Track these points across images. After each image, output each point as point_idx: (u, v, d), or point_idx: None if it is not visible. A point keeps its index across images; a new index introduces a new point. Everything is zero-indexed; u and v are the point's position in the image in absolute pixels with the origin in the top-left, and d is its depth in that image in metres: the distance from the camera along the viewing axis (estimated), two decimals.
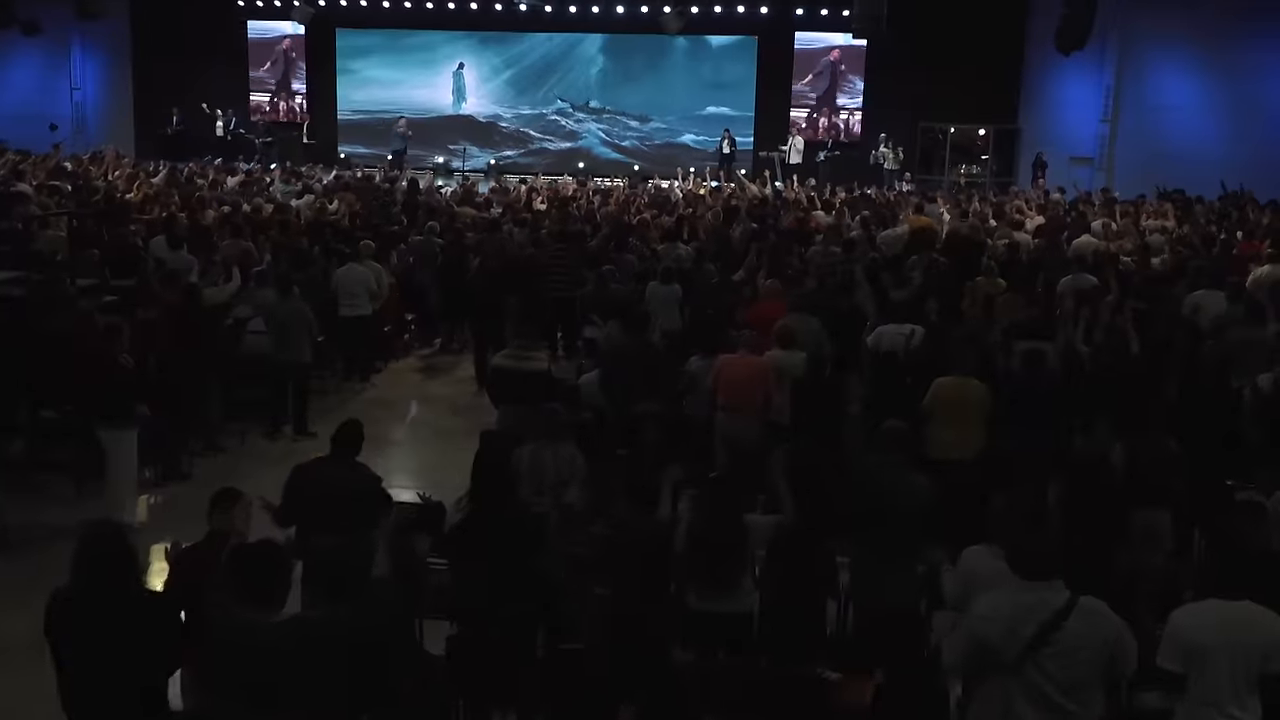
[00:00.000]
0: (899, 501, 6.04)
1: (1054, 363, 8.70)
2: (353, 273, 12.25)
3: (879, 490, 6.10)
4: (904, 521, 6.04)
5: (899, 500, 6.05)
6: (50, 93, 30.22)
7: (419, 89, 29.28)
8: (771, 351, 9.27)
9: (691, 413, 9.07)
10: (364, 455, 6.32)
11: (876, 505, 6.07)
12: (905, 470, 6.18)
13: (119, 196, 17.07)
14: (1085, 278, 12.38)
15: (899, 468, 6.18)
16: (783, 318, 9.85)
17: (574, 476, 6.22)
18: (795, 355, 9.18)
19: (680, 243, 14.25)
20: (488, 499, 5.53)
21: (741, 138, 27.80)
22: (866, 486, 6.17)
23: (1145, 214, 19.19)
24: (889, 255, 13.82)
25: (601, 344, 10.07)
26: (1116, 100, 26.76)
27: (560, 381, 9.43)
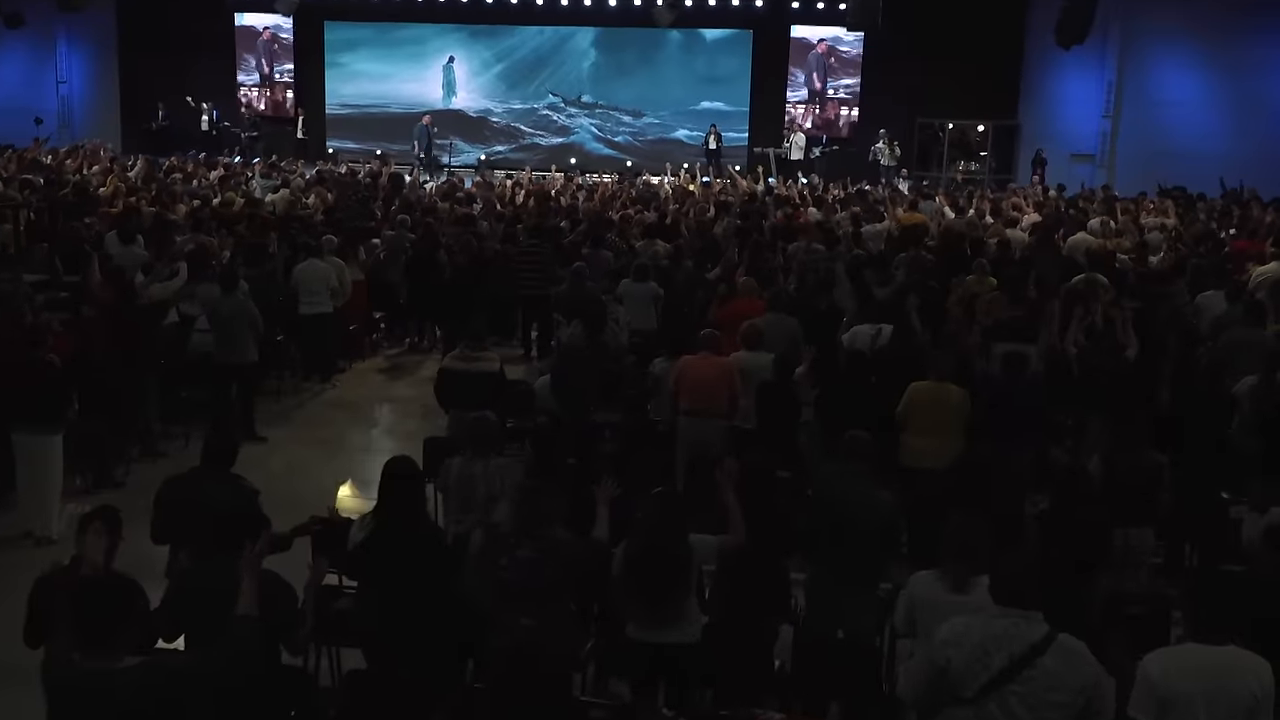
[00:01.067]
0: (858, 517, 5.53)
1: (1036, 366, 8.17)
2: (313, 269, 11.75)
3: (836, 504, 5.59)
4: (863, 539, 5.53)
5: (858, 516, 5.54)
6: (36, 86, 29.80)
7: (408, 83, 28.75)
8: (737, 353, 8.79)
9: (656, 417, 8.60)
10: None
11: (833, 521, 5.55)
12: (865, 482, 5.67)
13: (90, 190, 16.57)
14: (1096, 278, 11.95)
15: (859, 479, 5.67)
16: (753, 317, 9.37)
17: (505, 492, 5.68)
18: (761, 357, 8.69)
19: (659, 239, 13.73)
20: (391, 516, 5.01)
21: (737, 133, 27.29)
22: (823, 500, 5.66)
23: (1145, 211, 18.66)
24: (874, 252, 13.30)
25: (556, 345, 9.56)
26: (1118, 96, 26.21)
27: (518, 384, 8.93)
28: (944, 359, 7.86)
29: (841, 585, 5.53)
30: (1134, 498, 6.24)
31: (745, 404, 8.31)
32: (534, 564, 4.78)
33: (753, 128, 27.50)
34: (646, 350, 10.01)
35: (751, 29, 27.35)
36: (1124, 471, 6.26)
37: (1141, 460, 6.32)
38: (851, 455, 5.72)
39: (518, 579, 4.80)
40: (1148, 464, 6.33)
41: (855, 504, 5.55)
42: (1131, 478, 6.26)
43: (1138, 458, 6.32)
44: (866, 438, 5.79)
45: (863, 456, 5.73)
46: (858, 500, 5.56)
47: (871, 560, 5.56)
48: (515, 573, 4.81)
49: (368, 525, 5.10)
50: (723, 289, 10.84)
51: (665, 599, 5.04)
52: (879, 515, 5.54)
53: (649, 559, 4.96)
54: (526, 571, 4.79)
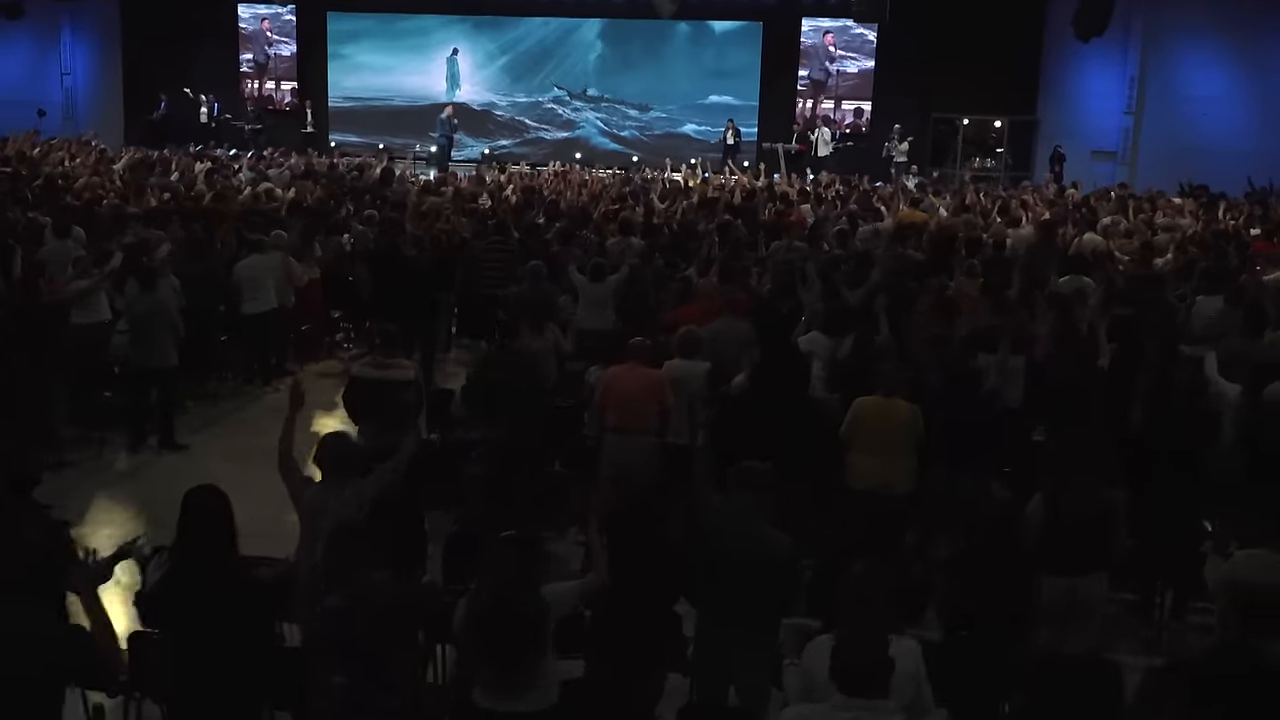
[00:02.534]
0: (746, 558, 4.82)
1: (995, 381, 7.41)
2: (254, 265, 11.15)
3: (721, 543, 4.87)
4: (752, 583, 4.81)
5: (746, 556, 4.82)
6: (41, 78, 29.47)
7: (412, 75, 28.17)
8: (671, 361, 8.08)
9: (588, 432, 7.93)
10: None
11: (717, 562, 4.84)
12: (757, 520, 4.94)
13: (58, 183, 16.05)
14: (1081, 279, 11.22)
15: (748, 515, 4.94)
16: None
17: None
18: (697, 366, 7.99)
19: (634, 237, 13.04)
20: (189, 553, 4.35)
21: (746, 128, 26.51)
22: (707, 538, 4.95)
23: (1160, 210, 17.78)
24: (863, 251, 12.56)
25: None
26: (1141, 91, 25.31)
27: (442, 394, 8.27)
28: (892, 371, 7.12)
29: (729, 636, 4.82)
30: (1082, 540, 5.48)
31: (678, 418, 7.60)
32: (344, 614, 4.11)
33: (762, 122, 26.72)
34: (600, 354, 9.35)
35: (761, 21, 26.57)
36: (1069, 509, 5.49)
37: (1090, 496, 5.55)
38: (742, 487, 5.00)
39: (326, 631, 4.13)
40: (1098, 500, 5.55)
41: (743, 543, 4.83)
42: (1079, 517, 5.49)
43: (1085, 493, 5.55)
44: (761, 468, 5.05)
45: (755, 488, 5.00)
46: (746, 539, 4.84)
47: (763, 608, 4.84)
48: (324, 624, 4.14)
49: (164, 563, 4.45)
50: (677, 289, 10.13)
51: (515, 664, 4.32)
52: (771, 556, 4.83)
53: (495, 616, 4.24)
54: (335, 623, 4.12)
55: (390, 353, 7.71)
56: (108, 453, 9.37)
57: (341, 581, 4.16)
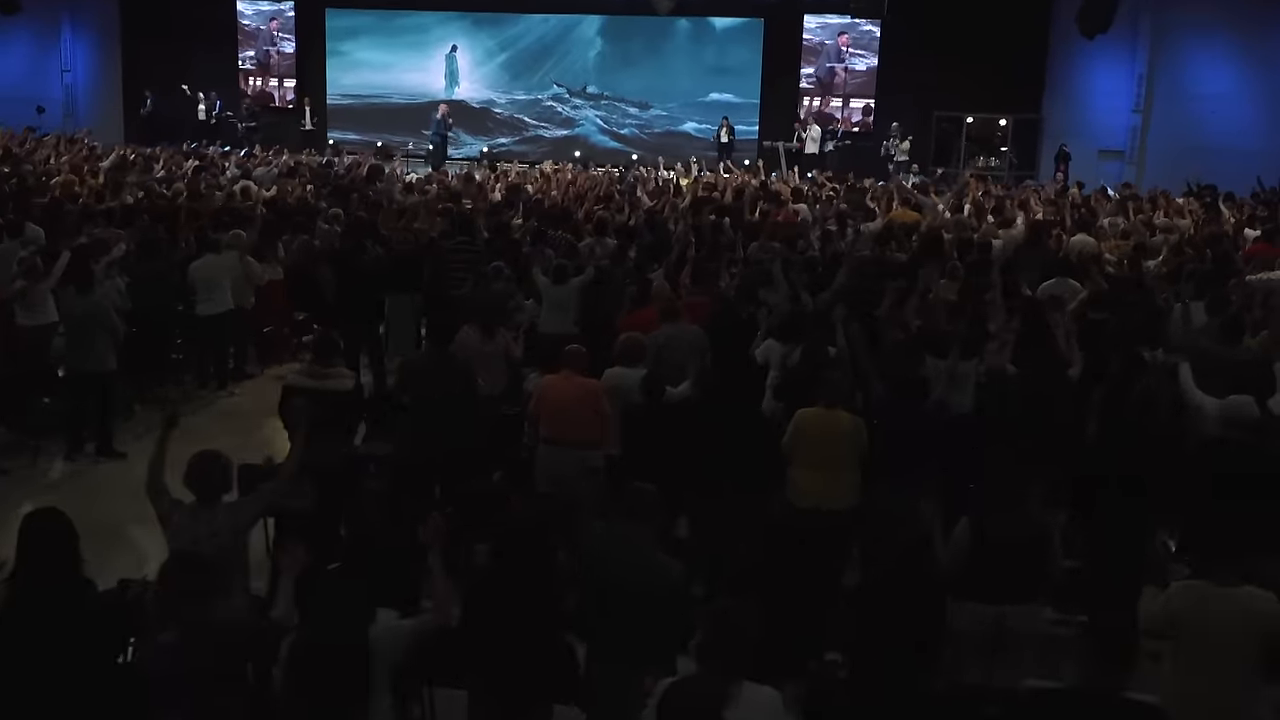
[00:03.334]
0: (633, 588, 4.48)
1: (941, 391, 7.05)
2: (208, 266, 10.87)
3: (607, 572, 4.53)
4: (640, 616, 4.47)
5: (633, 587, 4.48)
6: (41, 74, 29.40)
7: (410, 72, 27.92)
8: (612, 369, 7.75)
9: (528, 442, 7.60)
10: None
11: (603, 593, 4.51)
12: (646, 547, 4.60)
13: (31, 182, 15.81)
14: (1066, 283, 10.83)
15: (637, 543, 4.60)
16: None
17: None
18: (638, 375, 7.63)
19: (608, 237, 12.71)
20: (27, 581, 4.04)
21: (747, 126, 26.16)
22: (591, 566, 4.61)
23: (1159, 211, 17.32)
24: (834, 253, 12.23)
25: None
26: (1150, 89, 24.86)
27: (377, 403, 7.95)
28: (834, 381, 6.76)
29: (618, 672, 4.48)
30: (1012, 566, 5.11)
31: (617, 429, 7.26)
32: (174, 650, 3.79)
33: (763, 120, 26.35)
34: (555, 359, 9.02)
35: (763, 18, 26.19)
36: (997, 533, 5.13)
37: (1021, 519, 5.18)
38: (630, 512, 4.65)
39: (157, 668, 3.82)
40: (1029, 523, 5.19)
41: (630, 572, 4.49)
42: (1008, 541, 5.13)
43: (1015, 515, 5.18)
44: (650, 491, 4.70)
45: (643, 515, 4.65)
46: (633, 567, 4.50)
47: (654, 643, 4.50)
48: (156, 660, 3.83)
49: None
50: (632, 292, 9.79)
51: (329, 711, 3.94)
52: (660, 587, 4.48)
53: (308, 657, 3.90)
54: (166, 659, 3.81)
55: (327, 361, 7.39)
56: (42, 460, 9.09)
57: (176, 615, 3.84)
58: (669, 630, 4.49)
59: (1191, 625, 4.60)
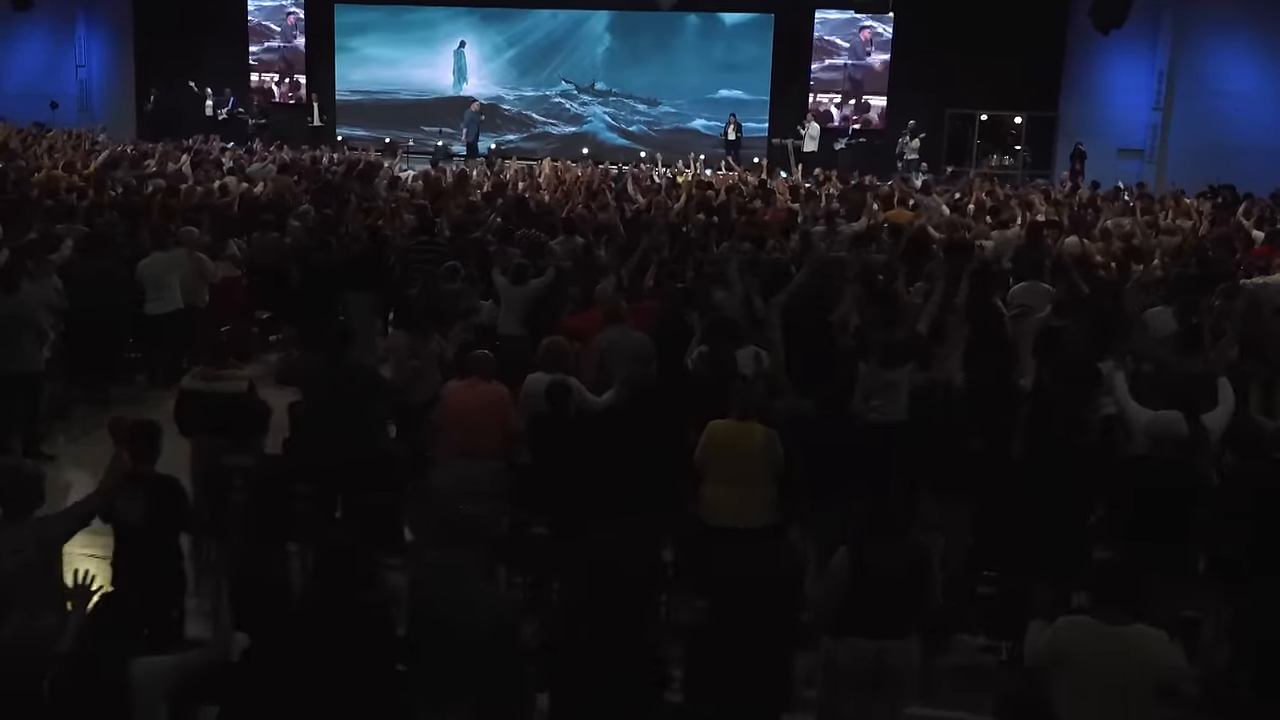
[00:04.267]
0: (456, 623, 4.13)
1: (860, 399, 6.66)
2: (155, 263, 10.62)
3: (429, 606, 4.19)
4: (460, 655, 4.11)
5: (456, 621, 4.13)
6: (56, 70, 29.53)
7: (419, 68, 27.69)
8: (533, 374, 7.41)
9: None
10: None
11: (427, 628, 4.16)
12: (470, 579, 4.23)
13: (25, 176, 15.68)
14: (1039, 287, 10.39)
15: (461, 575, 4.23)
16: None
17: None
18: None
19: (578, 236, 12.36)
20: None
21: (756, 123, 25.74)
22: (415, 599, 4.26)
23: (1165, 211, 16.77)
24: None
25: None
26: (1170, 86, 24.27)
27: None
28: (746, 391, 6.39)
29: (432, 711, 4.14)
30: (891, 599, 4.73)
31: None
32: None
33: (773, 118, 25.89)
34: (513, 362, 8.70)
35: (773, 13, 25.73)
36: (877, 564, 4.74)
37: (900, 549, 4.78)
38: (453, 540, 4.29)
39: None
40: (908, 553, 4.78)
41: (449, 606, 4.13)
42: (887, 573, 4.74)
43: (895, 545, 4.78)
44: (475, 516, 4.35)
45: (468, 541, 4.29)
46: (454, 601, 4.14)
47: (479, 685, 4.14)
48: None
49: None
50: (574, 293, 9.45)
51: None
52: (482, 623, 4.12)
53: (65, 690, 3.59)
54: None
55: (221, 363, 7.09)
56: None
57: None
58: (488, 670, 4.12)
59: (1077, 663, 4.23)
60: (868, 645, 4.70)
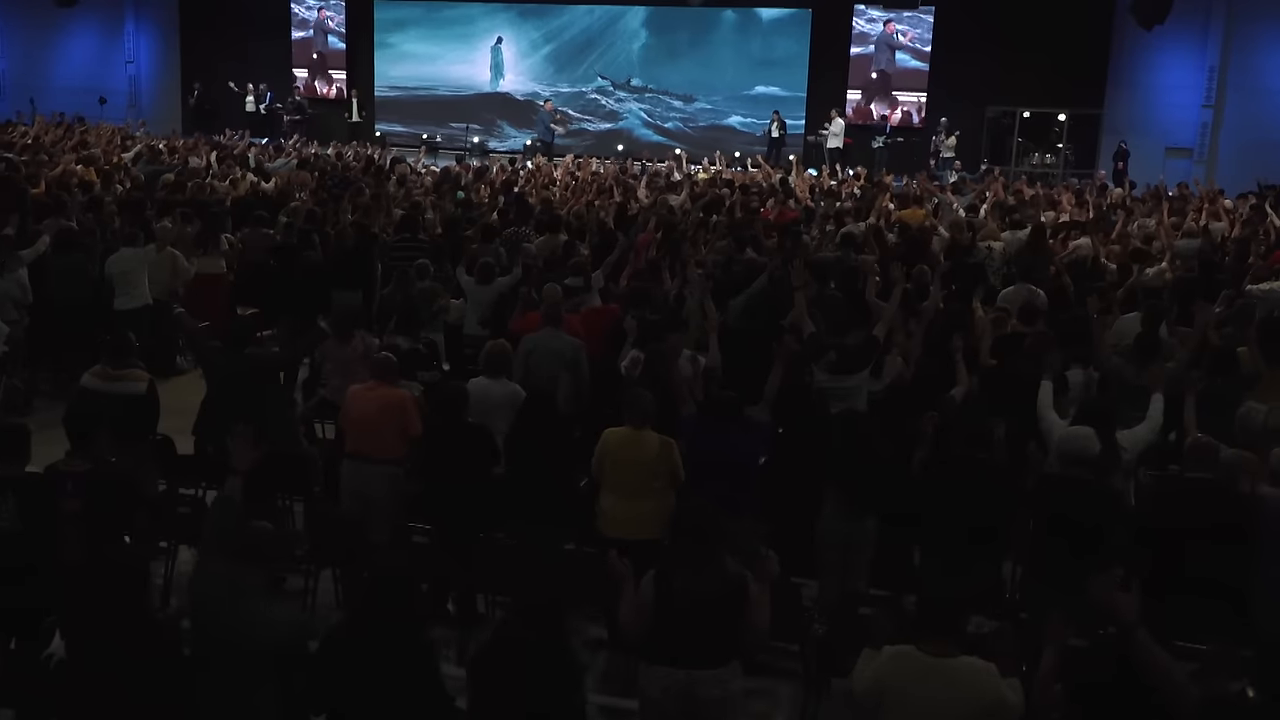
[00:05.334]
0: (240, 643, 3.91)
1: (766, 413, 6.36)
2: (125, 259, 10.59)
3: (211, 626, 3.97)
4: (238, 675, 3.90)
5: (240, 641, 3.91)
6: (106, 65, 30.11)
7: (456, 65, 27.68)
8: (475, 379, 7.23)
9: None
10: None
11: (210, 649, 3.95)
12: (252, 595, 4.02)
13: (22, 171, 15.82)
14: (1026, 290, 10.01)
15: (243, 590, 4.01)
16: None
17: None
18: (501, 387, 7.09)
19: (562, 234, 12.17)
20: None
21: (794, 120, 25.33)
22: (197, 615, 4.05)
23: (1194, 212, 16.16)
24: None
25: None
26: (1221, 83, 23.51)
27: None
28: (640, 398, 6.13)
29: None
30: (702, 626, 4.45)
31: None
32: None
33: (810, 114, 25.46)
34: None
35: (810, 8, 25.30)
36: (686, 588, 4.44)
37: (711, 573, 4.47)
38: (241, 555, 4.07)
39: None
40: (719, 578, 4.47)
41: (235, 626, 3.91)
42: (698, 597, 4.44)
43: (706, 569, 4.48)
44: (266, 530, 4.11)
45: (254, 558, 4.07)
46: (239, 620, 3.93)
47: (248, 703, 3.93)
48: None
49: None
50: (524, 293, 9.25)
51: None
52: (261, 640, 3.91)
53: None
54: None
55: (121, 362, 6.97)
56: None
57: None
58: (269, 690, 3.92)
59: (896, 697, 3.94)
60: (676, 674, 4.44)
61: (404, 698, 3.70)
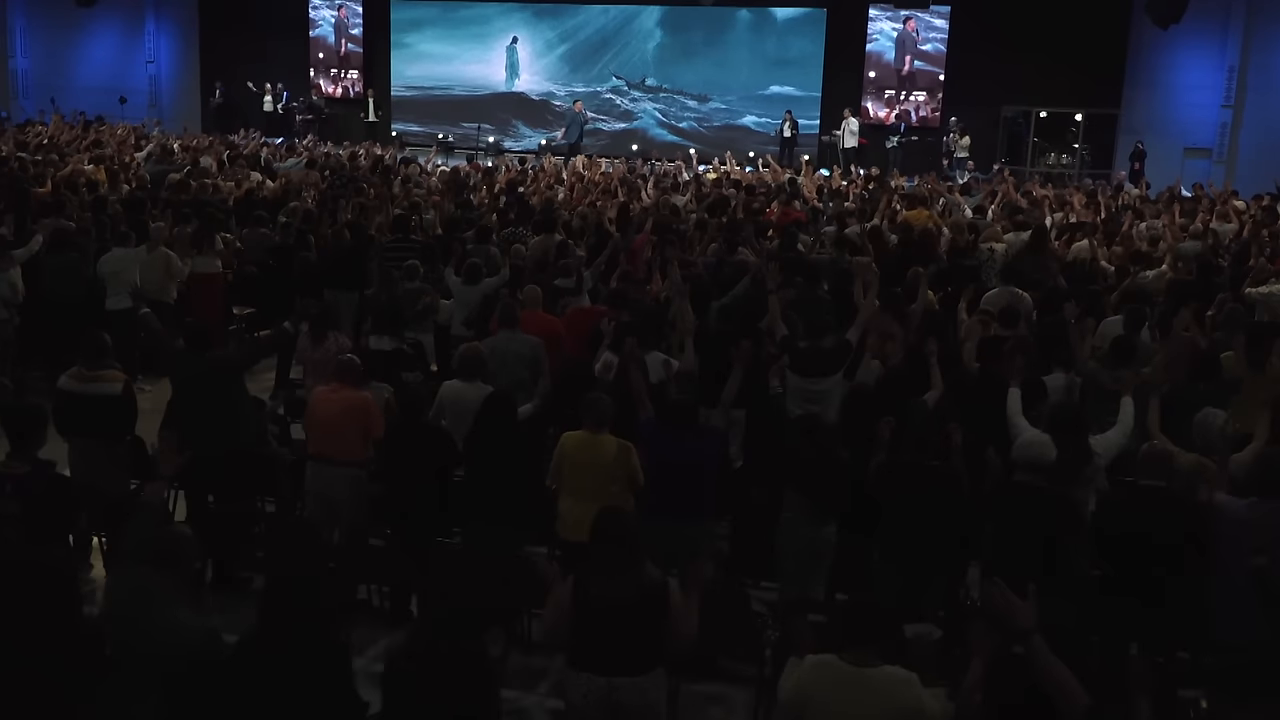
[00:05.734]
0: (155, 651, 3.87)
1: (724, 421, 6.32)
2: (116, 259, 10.65)
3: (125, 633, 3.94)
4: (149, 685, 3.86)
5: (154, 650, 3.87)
6: (127, 65, 30.33)
7: (472, 65, 27.72)
8: (448, 382, 7.22)
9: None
10: None
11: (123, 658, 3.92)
12: (167, 601, 3.97)
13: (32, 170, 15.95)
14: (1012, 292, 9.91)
15: (156, 597, 3.96)
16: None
17: None
18: (478, 389, 7.05)
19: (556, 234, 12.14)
20: None
21: (808, 120, 25.24)
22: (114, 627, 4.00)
23: (1204, 214, 15.99)
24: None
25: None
26: (1241, 83, 23.23)
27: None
28: (597, 401, 6.09)
29: None
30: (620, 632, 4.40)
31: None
32: None
33: (824, 114, 25.34)
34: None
35: (825, 8, 25.19)
36: (602, 594, 4.40)
37: (626, 579, 4.41)
38: (155, 561, 4.02)
39: None
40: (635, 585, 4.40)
41: (148, 632, 3.87)
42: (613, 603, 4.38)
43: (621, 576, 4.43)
44: (183, 534, 4.06)
45: (172, 565, 4.02)
46: (152, 627, 3.88)
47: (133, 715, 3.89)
48: None
49: None
50: (503, 294, 9.24)
51: None
52: (183, 649, 3.86)
53: None
54: None
55: (96, 363, 7.00)
56: None
57: None
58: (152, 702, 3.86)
59: (817, 707, 3.89)
60: (596, 681, 4.40)
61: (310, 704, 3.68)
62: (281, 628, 3.71)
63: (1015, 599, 3.56)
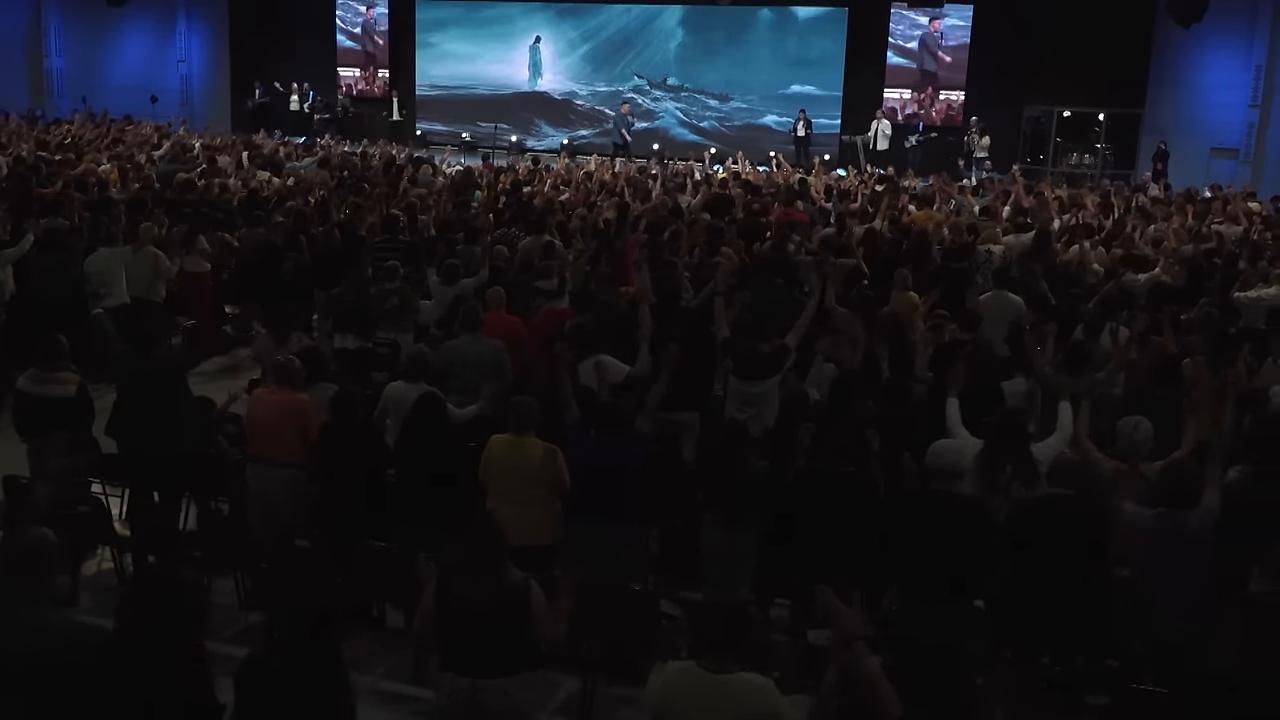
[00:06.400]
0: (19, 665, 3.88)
1: (647, 423, 6.33)
2: (103, 258, 10.81)
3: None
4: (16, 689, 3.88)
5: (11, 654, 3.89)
6: (159, 65, 30.72)
7: (495, 64, 27.84)
8: (393, 383, 7.28)
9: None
10: None
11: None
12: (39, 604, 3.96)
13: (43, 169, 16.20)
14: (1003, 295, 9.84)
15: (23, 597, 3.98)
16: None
17: None
18: (419, 390, 7.10)
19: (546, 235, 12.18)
20: None
21: (829, 119, 25.13)
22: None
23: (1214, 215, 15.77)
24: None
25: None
26: (1269, 82, 22.85)
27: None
28: (521, 404, 6.12)
29: None
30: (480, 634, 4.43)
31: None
32: None
33: (846, 114, 25.22)
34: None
35: (847, 7, 25.08)
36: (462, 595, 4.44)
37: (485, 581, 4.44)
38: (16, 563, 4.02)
39: None
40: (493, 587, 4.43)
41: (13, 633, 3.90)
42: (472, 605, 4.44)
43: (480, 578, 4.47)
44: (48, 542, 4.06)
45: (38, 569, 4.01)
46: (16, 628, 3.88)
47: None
48: None
49: None
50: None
51: None
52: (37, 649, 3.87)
53: None
54: None
55: (52, 365, 7.10)
56: None
57: None
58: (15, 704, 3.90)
59: (675, 712, 3.90)
60: (460, 681, 4.44)
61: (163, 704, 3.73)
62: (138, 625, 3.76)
63: (841, 605, 3.56)
